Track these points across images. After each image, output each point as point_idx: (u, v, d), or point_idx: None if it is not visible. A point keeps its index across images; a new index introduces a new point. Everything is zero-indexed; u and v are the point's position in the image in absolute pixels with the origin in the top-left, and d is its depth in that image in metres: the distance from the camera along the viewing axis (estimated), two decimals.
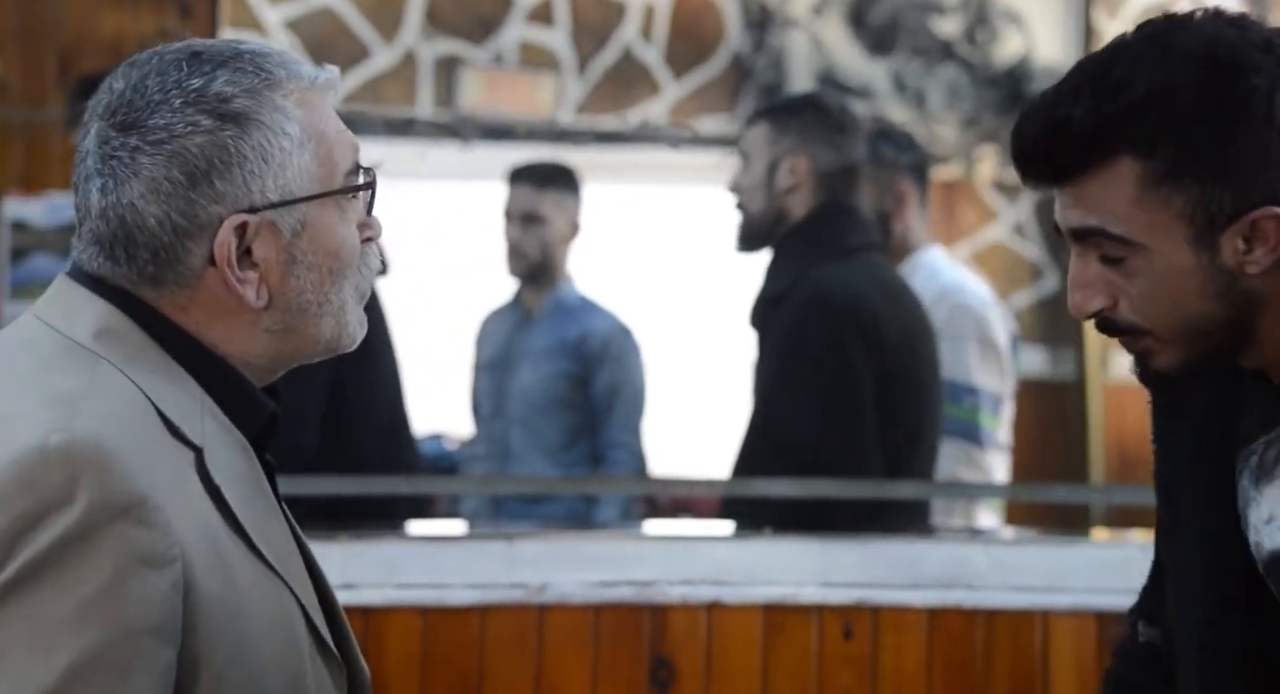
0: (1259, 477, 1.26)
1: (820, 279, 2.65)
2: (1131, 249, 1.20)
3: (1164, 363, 1.23)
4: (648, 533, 3.01)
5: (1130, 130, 1.17)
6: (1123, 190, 1.19)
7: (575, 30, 4.62)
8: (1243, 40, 1.18)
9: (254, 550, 1.17)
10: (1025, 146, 1.22)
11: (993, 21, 4.76)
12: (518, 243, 3.53)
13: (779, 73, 4.70)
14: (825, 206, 2.73)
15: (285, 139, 1.20)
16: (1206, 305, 1.20)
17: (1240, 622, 1.27)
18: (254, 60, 1.21)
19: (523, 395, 3.51)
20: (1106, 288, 1.22)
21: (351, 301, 1.24)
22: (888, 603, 2.48)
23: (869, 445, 2.64)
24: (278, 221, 1.20)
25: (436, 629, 2.37)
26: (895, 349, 2.67)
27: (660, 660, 2.44)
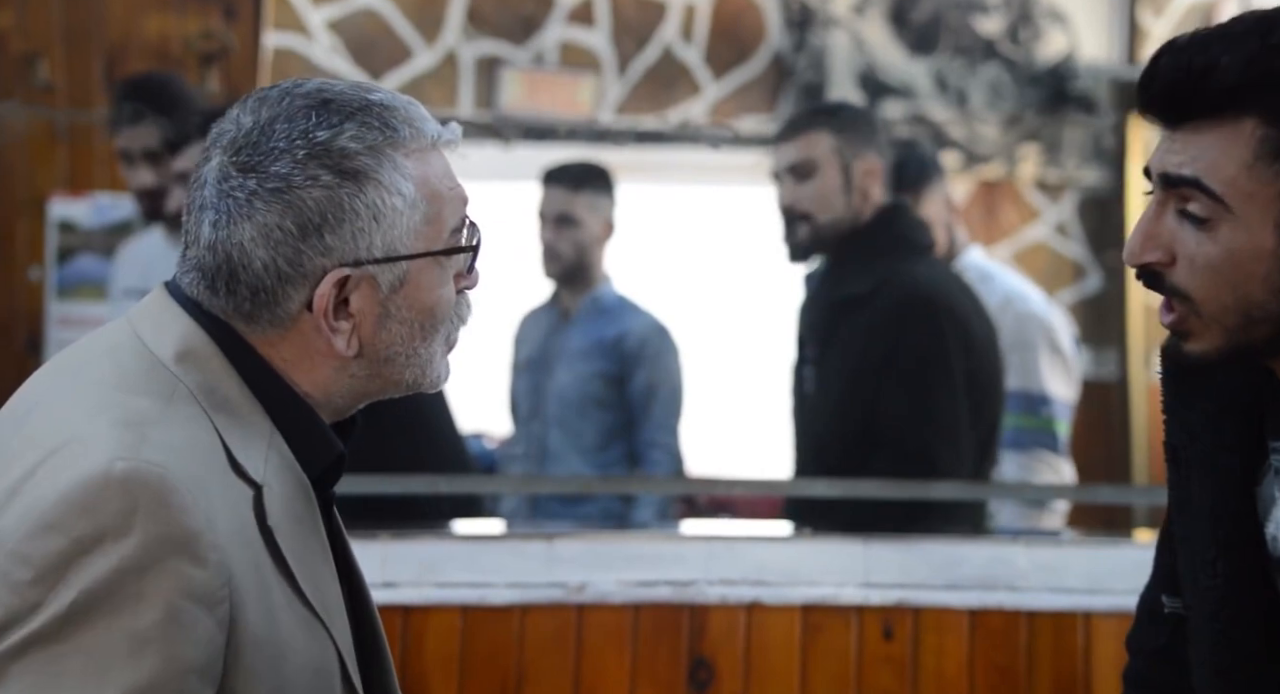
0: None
1: (915, 277, 2.66)
2: (1220, 212, 1.18)
3: (1197, 347, 1.21)
4: (686, 533, 3.00)
5: (1269, 94, 1.16)
6: (1238, 151, 1.17)
7: (616, 30, 4.63)
8: None
9: (299, 594, 1.18)
10: (1159, 78, 1.20)
11: (1036, 20, 4.73)
12: (552, 245, 3.54)
13: (820, 72, 4.68)
14: (888, 208, 2.75)
15: (399, 198, 1.21)
16: (1263, 293, 1.18)
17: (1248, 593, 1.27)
18: (381, 115, 1.22)
19: (560, 395, 3.52)
20: (1170, 244, 1.20)
21: (440, 352, 1.26)
22: (929, 603, 2.47)
23: (965, 446, 2.65)
24: (378, 276, 1.22)
25: (476, 628, 2.38)
26: (980, 351, 2.69)
27: (699, 660, 2.44)
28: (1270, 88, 1.16)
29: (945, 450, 2.62)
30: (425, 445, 2.79)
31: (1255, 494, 1.28)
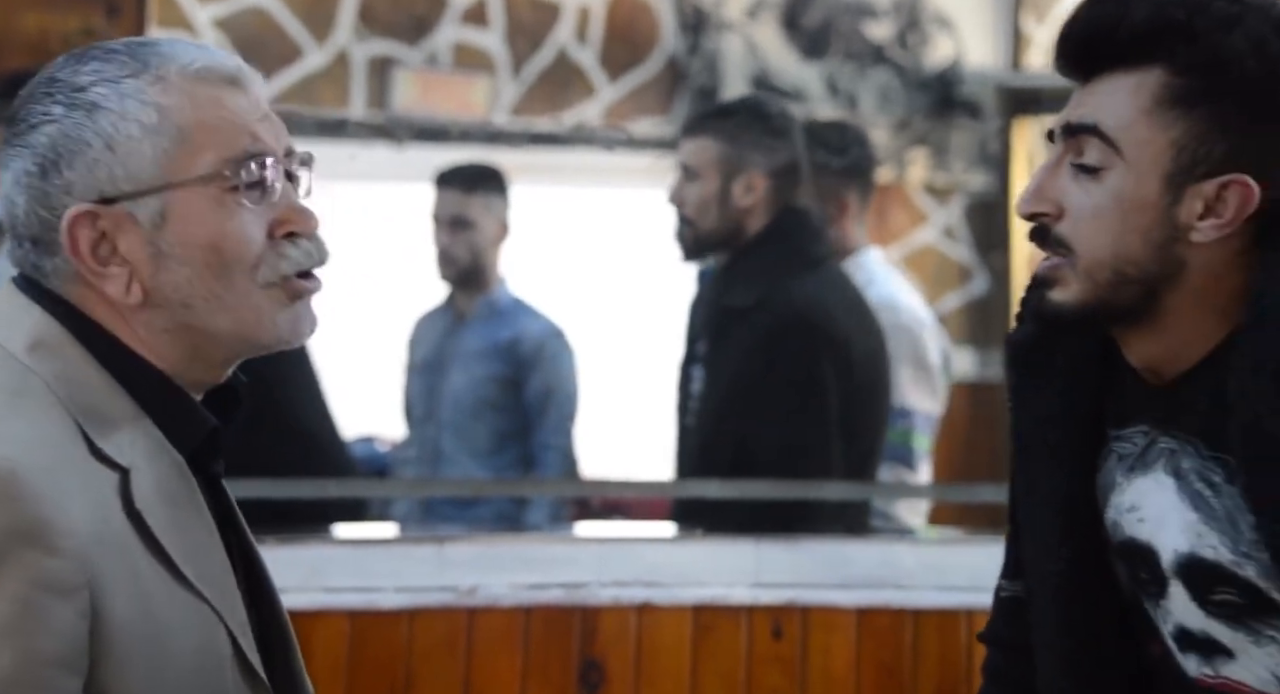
0: (1132, 466, 1.27)
1: (793, 296, 2.66)
2: (1112, 158, 1.19)
3: (1061, 297, 1.22)
4: (578, 535, 3.01)
5: (1177, 44, 1.18)
6: (1140, 97, 1.19)
7: (510, 31, 4.62)
8: None
9: (178, 575, 1.15)
10: (1076, 28, 1.22)
11: (924, 26, 4.80)
12: (447, 248, 3.52)
13: (714, 76, 4.72)
14: (784, 216, 2.73)
15: (134, 125, 1.16)
16: (1141, 248, 1.19)
17: (1090, 575, 1.29)
18: (132, 50, 1.18)
19: (454, 398, 3.50)
20: (1060, 196, 1.21)
21: (261, 296, 1.18)
22: (818, 603, 2.50)
23: (833, 462, 2.67)
24: (135, 213, 1.16)
25: (364, 633, 2.37)
26: (860, 368, 2.69)
27: (590, 662, 2.45)
28: (1179, 39, 1.18)
29: (812, 473, 2.64)
30: (305, 450, 2.77)
31: (1096, 481, 1.30)
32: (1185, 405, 1.23)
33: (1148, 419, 1.26)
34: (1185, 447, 1.23)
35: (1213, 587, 1.24)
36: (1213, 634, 1.26)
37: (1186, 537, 1.24)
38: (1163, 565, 1.26)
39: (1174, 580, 1.26)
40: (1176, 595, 1.27)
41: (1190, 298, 1.21)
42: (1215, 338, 1.22)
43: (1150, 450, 1.26)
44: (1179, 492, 1.24)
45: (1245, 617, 1.23)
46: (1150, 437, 1.27)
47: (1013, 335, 1.31)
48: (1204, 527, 1.23)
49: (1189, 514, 1.23)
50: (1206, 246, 1.19)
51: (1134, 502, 1.27)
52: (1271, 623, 1.23)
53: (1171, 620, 1.28)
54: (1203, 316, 1.22)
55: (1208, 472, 1.22)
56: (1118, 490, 1.28)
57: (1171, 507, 1.25)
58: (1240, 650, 1.25)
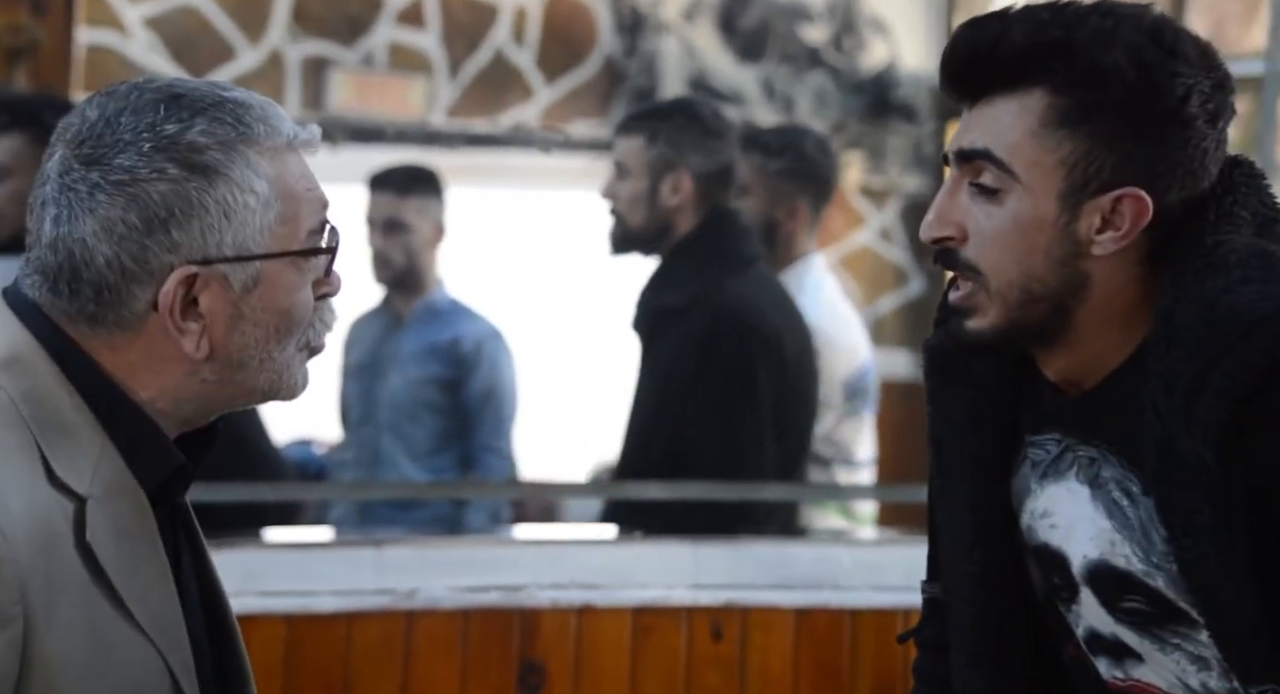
0: (1045, 473, 1.29)
1: (728, 295, 2.69)
2: (1007, 181, 1.21)
3: (979, 325, 1.23)
4: (518, 537, 3.00)
5: (1057, 63, 1.19)
6: (1025, 119, 1.20)
7: (446, 32, 4.60)
8: (1188, 35, 1.22)
9: (124, 611, 1.15)
10: (959, 51, 1.23)
11: (859, 29, 4.84)
12: (382, 250, 3.51)
13: (651, 77, 4.72)
14: (714, 217, 2.77)
15: (251, 196, 1.18)
16: (1045, 265, 1.21)
17: (1003, 577, 1.31)
18: (235, 111, 1.19)
19: (392, 400, 3.49)
20: (962, 220, 1.23)
21: (298, 359, 1.23)
22: (757, 604, 2.51)
23: (765, 460, 2.69)
24: (230, 276, 1.19)
25: (301, 637, 2.35)
26: (792, 366, 2.73)
27: (530, 664, 2.45)
28: (1057, 57, 1.19)
29: (747, 470, 2.67)
30: (238, 455, 2.74)
31: (1011, 485, 1.32)
32: (1102, 416, 1.25)
33: (1061, 427, 1.28)
34: (1106, 456, 1.25)
35: (1122, 595, 1.26)
36: (1122, 638, 1.27)
37: (1098, 545, 1.26)
38: (1074, 571, 1.28)
39: (1084, 586, 1.28)
40: (1087, 600, 1.28)
41: (1098, 311, 1.23)
42: (1125, 349, 1.24)
43: (1063, 458, 1.28)
44: (1094, 500, 1.26)
45: (1152, 625, 1.25)
46: (1063, 444, 1.28)
47: (929, 342, 1.33)
48: (1118, 536, 1.24)
49: (1104, 522, 1.25)
50: (1108, 258, 1.21)
51: (1047, 508, 1.29)
52: (1177, 631, 1.24)
53: (1083, 624, 1.29)
54: (1111, 328, 1.24)
55: (1126, 482, 1.24)
56: (1032, 496, 1.30)
57: (1083, 514, 1.26)
58: (1148, 655, 1.26)
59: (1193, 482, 1.18)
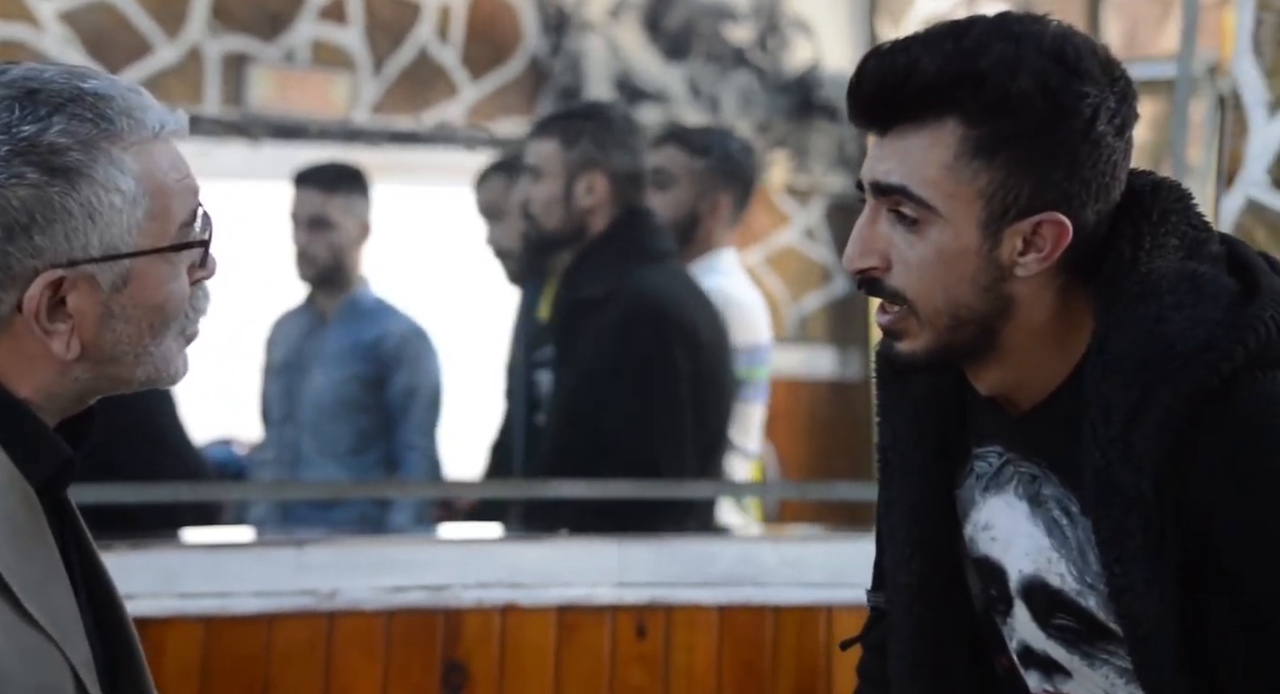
0: (988, 486, 1.30)
1: (644, 286, 2.73)
2: (927, 214, 1.21)
3: (909, 348, 1.25)
4: (441, 536, 2.99)
5: (966, 94, 1.20)
6: (939, 152, 1.21)
7: (369, 29, 4.57)
8: (1089, 48, 1.22)
9: (22, 612, 1.12)
10: (866, 83, 1.23)
11: (783, 30, 4.86)
12: (306, 247, 3.48)
13: (576, 76, 4.72)
14: (628, 215, 2.81)
15: (117, 195, 1.15)
16: (971, 294, 1.22)
17: (942, 589, 1.33)
18: (95, 105, 1.15)
19: (315, 399, 3.46)
20: (885, 248, 1.23)
21: (175, 349, 1.20)
22: (680, 601, 2.52)
23: (687, 447, 2.72)
24: (98, 276, 1.16)
25: (219, 639, 2.32)
26: (708, 354, 2.76)
27: (453, 664, 2.43)
28: (966, 88, 1.20)
29: (668, 456, 2.70)
30: (151, 453, 2.71)
31: (956, 496, 1.33)
32: (1042, 436, 1.26)
33: (1004, 441, 1.29)
34: (1047, 474, 1.26)
35: (1054, 612, 1.27)
36: (1052, 654, 1.29)
37: (1035, 560, 1.27)
38: (1010, 585, 1.29)
39: (1019, 601, 1.29)
40: (1020, 615, 1.30)
41: (1026, 329, 1.24)
42: (1061, 370, 1.25)
43: (1003, 471, 1.29)
44: (1033, 516, 1.27)
45: (1081, 641, 1.27)
46: (1005, 458, 1.29)
47: (880, 350, 1.32)
48: (1055, 554, 1.26)
49: (1042, 540, 1.26)
50: (1032, 279, 1.22)
51: (988, 520, 1.30)
52: (1105, 647, 1.26)
53: (1017, 637, 1.31)
54: (1043, 346, 1.25)
55: (1066, 501, 1.25)
56: (975, 508, 1.31)
57: (1021, 530, 1.28)
58: (1076, 670, 1.28)
59: (1127, 509, 1.19)
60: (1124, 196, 1.24)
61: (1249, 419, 1.18)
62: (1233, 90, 2.31)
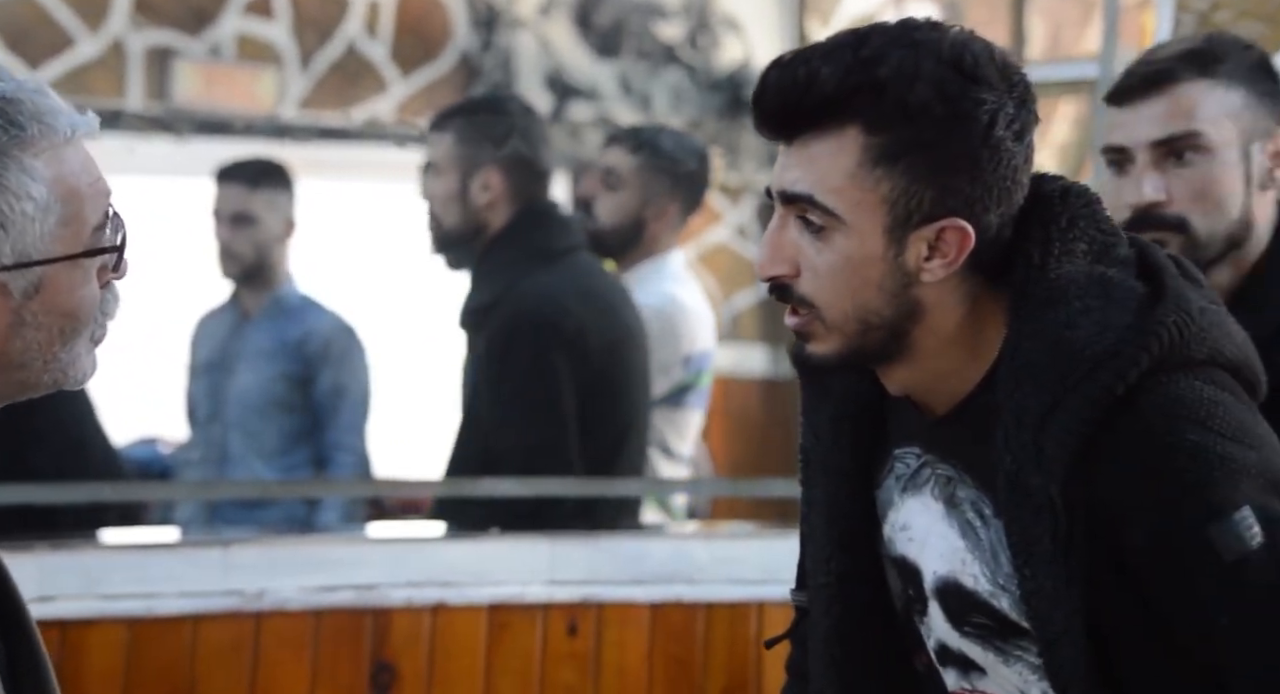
0: (906, 486, 1.32)
1: (525, 292, 2.68)
2: (834, 222, 1.23)
3: (819, 350, 1.26)
4: (370, 535, 2.96)
5: (867, 102, 1.21)
6: (843, 160, 1.22)
7: (297, 24, 4.52)
8: (987, 55, 1.23)
9: None
10: (769, 94, 1.24)
11: (713, 28, 4.87)
12: (230, 244, 3.43)
13: (507, 73, 4.70)
14: (524, 213, 2.76)
15: (29, 203, 1.13)
16: (878, 299, 1.24)
17: (860, 588, 1.34)
18: (4, 110, 1.13)
19: (241, 398, 3.42)
20: (795, 255, 1.25)
21: (83, 353, 1.19)
22: (612, 599, 2.51)
23: (570, 456, 2.68)
24: (9, 284, 1.14)
25: (144, 641, 2.29)
26: (599, 357, 2.71)
27: (382, 664, 2.41)
28: (866, 95, 1.21)
29: (546, 468, 2.65)
30: (69, 455, 2.66)
31: (876, 496, 1.34)
32: (957, 439, 1.28)
33: (921, 443, 1.31)
34: (962, 477, 1.28)
35: (968, 613, 1.29)
36: (967, 653, 1.30)
37: (949, 561, 1.29)
38: (925, 585, 1.31)
39: (933, 601, 1.31)
40: (935, 615, 1.31)
41: (935, 334, 1.26)
42: (972, 374, 1.26)
43: (921, 472, 1.31)
44: (948, 518, 1.29)
45: (995, 639, 1.28)
46: (923, 459, 1.31)
47: (793, 351, 1.33)
48: (969, 555, 1.27)
49: (957, 541, 1.28)
50: (939, 284, 1.24)
51: (906, 520, 1.31)
52: (1019, 644, 1.27)
53: (933, 636, 1.32)
54: (954, 351, 1.26)
55: (980, 503, 1.27)
56: (894, 508, 1.32)
57: (936, 531, 1.29)
58: (991, 668, 1.29)
59: (1037, 513, 1.21)
60: (1033, 201, 1.26)
61: (1154, 424, 1.19)
62: None
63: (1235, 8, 2.30)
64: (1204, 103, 1.61)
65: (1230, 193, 1.61)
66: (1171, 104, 1.61)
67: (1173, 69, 1.62)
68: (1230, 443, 1.19)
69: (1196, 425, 1.19)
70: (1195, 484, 1.18)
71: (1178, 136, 1.61)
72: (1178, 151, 1.61)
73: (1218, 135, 1.61)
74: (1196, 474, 1.18)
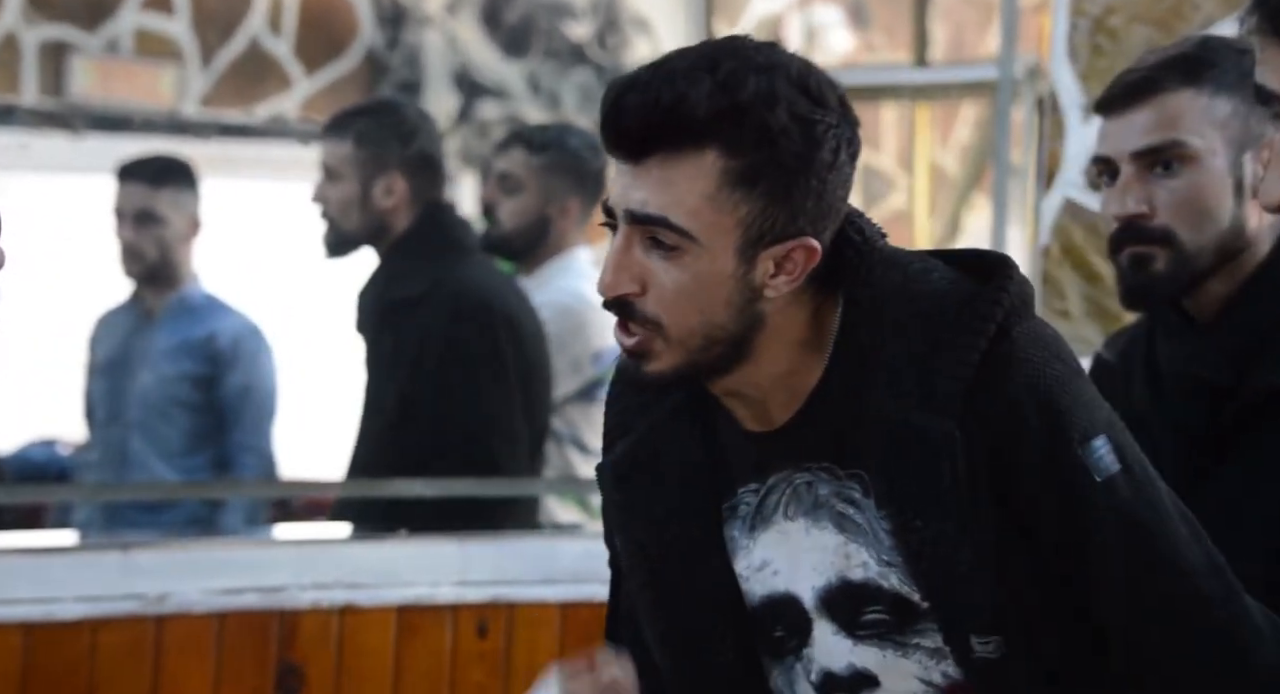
0: (754, 525, 1.31)
1: (464, 281, 2.72)
2: (686, 242, 1.23)
3: (657, 366, 1.26)
4: (276, 537, 2.92)
5: (728, 127, 1.22)
6: (700, 183, 1.23)
7: (197, 20, 4.46)
8: (827, 81, 1.26)
9: None
10: (626, 115, 1.23)
11: (622, 27, 4.88)
12: (133, 243, 3.37)
13: (414, 70, 4.67)
14: (430, 212, 2.79)
15: None
16: (724, 315, 1.25)
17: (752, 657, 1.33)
18: None
19: (143, 398, 3.36)
20: (641, 274, 1.25)
21: None
22: (523, 599, 2.50)
23: (523, 443, 2.71)
24: None
25: (41, 647, 2.24)
26: (529, 345, 2.75)
27: (289, 667, 2.38)
28: (727, 121, 1.22)
29: (506, 452, 2.69)
30: None
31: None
32: (805, 439, 1.28)
33: (757, 473, 1.31)
34: (818, 475, 1.28)
35: (861, 608, 1.28)
36: (860, 663, 1.29)
37: (829, 567, 1.28)
38: (806, 607, 1.30)
39: (819, 619, 1.30)
40: (821, 635, 1.30)
41: (778, 340, 1.27)
42: (815, 368, 1.28)
43: (765, 503, 1.31)
44: (815, 526, 1.28)
45: (893, 632, 1.28)
46: (764, 489, 1.31)
47: (606, 459, 1.34)
48: (852, 545, 1.27)
49: (833, 539, 1.28)
50: (781, 297, 1.27)
51: (764, 557, 1.31)
52: (915, 629, 1.28)
53: (816, 668, 1.31)
54: (795, 352, 1.28)
55: (846, 491, 1.27)
56: (745, 551, 1.32)
57: (803, 546, 1.29)
58: (888, 670, 1.29)
59: (931, 457, 1.23)
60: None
61: (1029, 355, 1.24)
62: (1051, 93, 2.37)
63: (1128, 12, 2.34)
64: (1188, 112, 1.57)
65: (1217, 204, 1.57)
66: (1155, 113, 1.58)
67: (1157, 78, 1.59)
68: (1079, 377, 1.27)
69: (1056, 359, 1.25)
70: (1066, 411, 1.24)
71: (1160, 147, 1.57)
72: (1163, 162, 1.57)
73: (1203, 144, 1.57)
74: (1066, 402, 1.24)
